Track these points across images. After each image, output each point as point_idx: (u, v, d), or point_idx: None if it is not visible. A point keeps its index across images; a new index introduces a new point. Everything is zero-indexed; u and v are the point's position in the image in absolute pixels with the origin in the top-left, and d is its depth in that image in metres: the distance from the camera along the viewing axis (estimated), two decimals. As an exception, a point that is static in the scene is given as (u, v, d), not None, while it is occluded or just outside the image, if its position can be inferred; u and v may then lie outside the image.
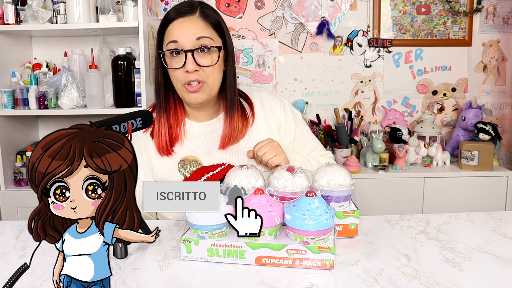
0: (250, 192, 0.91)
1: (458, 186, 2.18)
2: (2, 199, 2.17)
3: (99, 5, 2.10)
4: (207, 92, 1.16)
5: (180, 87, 1.16)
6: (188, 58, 1.11)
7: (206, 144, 1.23)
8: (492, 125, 2.29)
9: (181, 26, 1.13)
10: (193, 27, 1.13)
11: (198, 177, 1.19)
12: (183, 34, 1.12)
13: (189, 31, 1.12)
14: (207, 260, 0.88)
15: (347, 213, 0.98)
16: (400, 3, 2.44)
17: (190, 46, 1.12)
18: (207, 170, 1.20)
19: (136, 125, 0.97)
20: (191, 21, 1.13)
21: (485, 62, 2.51)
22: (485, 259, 0.88)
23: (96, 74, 2.16)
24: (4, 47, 2.19)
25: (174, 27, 1.14)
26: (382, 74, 2.51)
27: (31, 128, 2.46)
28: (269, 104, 1.29)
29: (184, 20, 1.13)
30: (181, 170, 1.20)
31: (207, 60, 1.13)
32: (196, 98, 1.16)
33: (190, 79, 1.13)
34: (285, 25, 2.46)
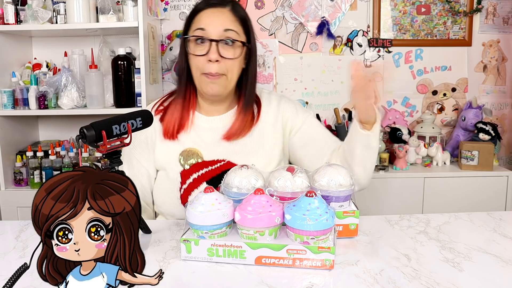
0: (250, 192, 0.91)
1: (458, 186, 2.18)
2: (2, 199, 2.17)
3: (99, 5, 2.10)
4: (224, 84, 1.18)
5: (199, 76, 1.17)
6: (212, 47, 1.13)
7: (210, 139, 1.23)
8: (492, 125, 2.29)
9: (211, 15, 1.15)
10: (223, 18, 1.15)
11: (196, 171, 1.20)
12: (211, 23, 1.14)
13: (218, 21, 1.14)
14: (207, 260, 0.88)
15: (347, 213, 0.98)
16: (400, 3, 2.44)
17: (216, 36, 1.14)
18: (206, 165, 1.21)
19: (136, 125, 0.97)
20: (222, 13, 1.16)
21: (485, 62, 2.51)
22: (485, 259, 0.88)
23: (96, 74, 2.16)
24: (4, 47, 2.19)
25: (204, 16, 1.16)
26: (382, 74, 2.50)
27: (31, 128, 2.46)
28: (277, 106, 1.29)
29: (214, 11, 1.16)
30: (181, 161, 1.21)
31: (229, 53, 1.15)
32: (213, 88, 1.17)
33: (211, 71, 1.14)
34: (285, 25, 2.46)
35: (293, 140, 1.29)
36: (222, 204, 0.88)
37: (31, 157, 2.19)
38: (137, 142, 1.23)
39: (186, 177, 1.20)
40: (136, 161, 1.25)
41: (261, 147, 1.24)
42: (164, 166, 1.23)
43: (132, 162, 1.25)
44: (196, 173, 1.20)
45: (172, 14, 2.46)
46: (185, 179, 1.20)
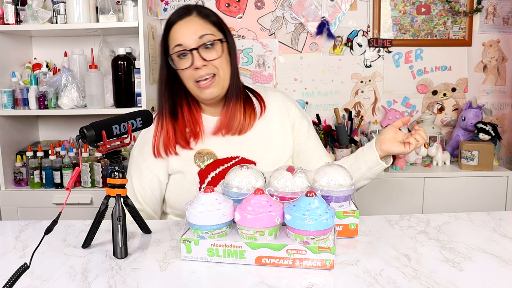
0: (250, 192, 0.91)
1: (458, 186, 2.18)
2: (2, 199, 2.17)
3: (99, 5, 2.10)
4: (220, 84, 1.21)
5: (193, 86, 1.20)
6: (195, 56, 1.16)
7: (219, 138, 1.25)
8: (492, 125, 2.29)
9: (182, 28, 1.18)
10: (194, 27, 1.17)
11: (213, 169, 1.22)
12: (185, 36, 1.16)
13: (190, 31, 1.16)
14: (207, 260, 0.88)
15: (347, 213, 0.98)
16: (400, 3, 2.44)
17: (194, 44, 1.16)
18: (221, 163, 1.23)
19: (136, 125, 0.97)
20: (190, 21, 1.18)
21: (485, 62, 2.51)
22: (485, 259, 0.88)
23: (96, 74, 2.16)
24: (4, 47, 2.19)
25: (176, 31, 1.18)
26: (382, 74, 2.51)
27: (31, 128, 2.46)
28: (285, 104, 1.33)
29: (183, 22, 1.18)
30: (197, 161, 1.23)
31: (212, 54, 1.18)
32: (211, 93, 1.20)
33: (201, 75, 1.17)
34: (285, 25, 2.46)
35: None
36: (222, 204, 0.88)
37: (31, 157, 2.19)
38: (146, 151, 1.25)
39: (204, 176, 1.22)
40: (145, 169, 1.25)
41: (272, 142, 1.27)
42: (181, 169, 1.24)
43: (141, 170, 1.26)
44: (214, 171, 1.22)
45: (172, 14, 2.46)
46: (204, 179, 1.22)
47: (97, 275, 0.83)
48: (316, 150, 1.33)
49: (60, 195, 2.14)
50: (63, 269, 0.86)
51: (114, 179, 0.93)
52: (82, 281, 0.81)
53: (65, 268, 0.86)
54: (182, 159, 1.24)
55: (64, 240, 1.01)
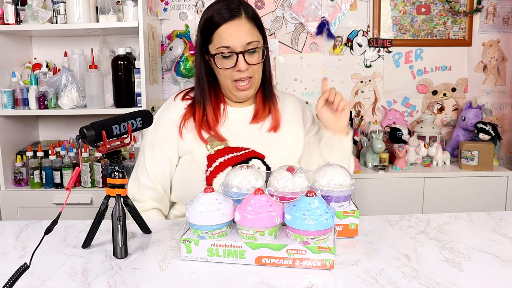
0: (250, 192, 0.91)
1: (458, 186, 2.18)
2: (2, 199, 2.17)
3: (99, 5, 2.10)
4: (254, 87, 1.27)
5: (230, 84, 1.25)
6: (240, 59, 1.20)
7: (235, 128, 1.29)
8: (492, 125, 2.29)
9: (232, 31, 1.20)
10: (243, 32, 1.20)
11: (222, 155, 1.25)
12: (234, 40, 1.19)
13: (239, 36, 1.20)
14: (207, 260, 0.88)
15: (347, 213, 0.98)
16: (400, 3, 2.44)
17: (241, 48, 1.20)
18: (231, 151, 1.26)
19: (136, 125, 0.97)
20: (241, 25, 1.21)
21: (485, 62, 2.51)
22: (485, 259, 0.88)
23: (96, 74, 2.16)
24: (4, 47, 2.19)
25: (225, 32, 1.20)
26: (382, 74, 2.51)
27: (31, 128, 2.46)
28: (301, 107, 1.40)
29: (234, 24, 1.20)
30: (207, 146, 1.26)
31: (254, 59, 1.23)
32: (247, 94, 1.27)
33: (241, 76, 1.22)
34: (285, 25, 2.46)
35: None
36: (222, 204, 0.88)
37: (31, 157, 2.19)
38: (161, 129, 1.29)
39: (212, 160, 1.25)
40: (158, 148, 1.28)
41: (283, 139, 1.30)
42: (191, 150, 1.27)
43: (154, 149, 1.29)
44: (222, 157, 1.25)
45: (172, 14, 2.46)
46: (211, 163, 1.25)
47: (97, 275, 0.83)
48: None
49: (60, 195, 2.14)
50: (63, 269, 0.86)
51: (114, 179, 0.93)
52: (82, 281, 0.81)
53: (65, 268, 0.86)
54: (195, 141, 1.27)
55: (64, 240, 1.01)
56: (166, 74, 2.49)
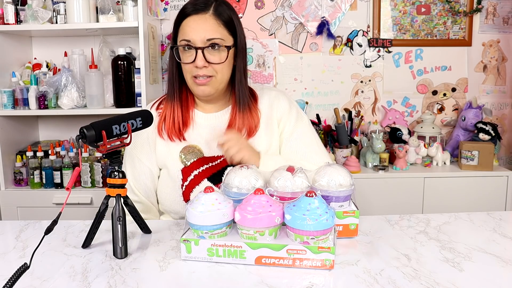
0: (250, 192, 0.91)
1: (458, 186, 2.18)
2: (2, 199, 2.17)
3: (99, 5, 2.10)
4: (215, 86, 1.21)
5: (189, 79, 1.21)
6: (198, 55, 1.16)
7: (209, 135, 1.25)
8: (492, 125, 2.29)
9: (194, 25, 1.17)
10: (205, 27, 1.16)
11: (197, 167, 1.22)
12: (195, 34, 1.16)
13: (201, 31, 1.16)
14: (207, 260, 0.88)
15: (347, 213, 0.98)
16: (400, 3, 2.44)
17: (201, 44, 1.17)
18: (206, 161, 1.23)
19: (136, 125, 0.97)
20: (204, 20, 1.17)
21: (485, 62, 2.51)
22: (485, 259, 0.88)
23: (96, 74, 2.16)
24: (4, 47, 2.19)
25: (188, 26, 1.18)
26: (382, 74, 2.51)
27: (31, 128, 2.46)
28: (276, 100, 1.31)
29: (197, 18, 1.17)
30: (182, 158, 1.23)
31: (216, 58, 1.18)
32: (204, 90, 1.21)
33: (199, 74, 1.18)
34: (285, 25, 2.46)
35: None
36: (222, 204, 0.88)
37: (31, 157, 2.19)
38: (139, 141, 1.25)
39: (187, 174, 1.21)
40: (138, 161, 1.26)
41: (258, 144, 1.25)
42: (166, 163, 1.24)
43: (134, 162, 1.26)
44: (197, 169, 1.21)
45: (172, 14, 2.46)
46: (186, 176, 1.21)
47: (97, 275, 0.83)
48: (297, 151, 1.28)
49: (60, 195, 2.14)
50: (63, 269, 0.86)
51: (114, 179, 0.93)
52: (82, 281, 0.81)
53: (65, 268, 0.86)
54: (168, 152, 1.24)
55: (64, 240, 1.01)
56: (166, 74, 2.49)
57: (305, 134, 1.30)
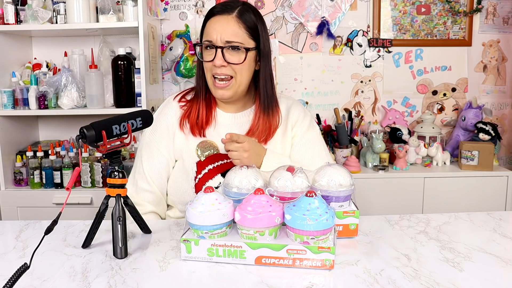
0: (250, 192, 0.91)
1: (458, 186, 2.18)
2: (2, 199, 2.17)
3: (99, 5, 2.10)
4: (234, 88, 1.23)
5: (209, 79, 1.24)
6: (217, 54, 1.19)
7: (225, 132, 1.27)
8: (492, 125, 2.29)
9: (216, 25, 1.20)
10: (226, 29, 1.19)
11: (212, 162, 1.24)
12: (216, 34, 1.19)
13: (221, 32, 1.19)
14: (207, 260, 0.88)
15: (347, 213, 0.98)
16: (400, 3, 2.44)
17: (220, 44, 1.19)
18: (221, 157, 1.25)
19: (136, 125, 0.97)
20: (226, 21, 1.19)
21: (485, 62, 2.51)
22: (485, 259, 0.88)
23: (96, 74, 2.16)
24: (4, 47, 2.19)
25: (210, 26, 1.21)
26: (382, 74, 2.51)
27: (31, 128, 2.46)
28: (293, 107, 1.35)
29: (220, 19, 1.20)
30: (198, 152, 1.25)
31: (235, 58, 1.20)
32: (223, 94, 1.23)
33: (217, 72, 1.21)
34: (285, 25, 2.46)
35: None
36: (222, 204, 0.88)
37: (31, 157, 2.19)
38: (158, 131, 1.28)
39: (201, 167, 1.24)
40: (156, 150, 1.28)
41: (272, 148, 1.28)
42: (182, 155, 1.27)
43: (152, 151, 1.28)
44: (212, 164, 1.24)
45: (172, 14, 2.46)
46: (201, 170, 1.24)
47: (97, 275, 0.83)
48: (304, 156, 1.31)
49: (60, 195, 2.14)
50: (63, 269, 0.86)
51: (114, 179, 0.93)
52: (82, 281, 0.81)
53: (65, 268, 0.86)
54: (186, 145, 1.26)
55: (64, 240, 1.01)
56: (166, 74, 2.49)
57: (314, 142, 1.34)
